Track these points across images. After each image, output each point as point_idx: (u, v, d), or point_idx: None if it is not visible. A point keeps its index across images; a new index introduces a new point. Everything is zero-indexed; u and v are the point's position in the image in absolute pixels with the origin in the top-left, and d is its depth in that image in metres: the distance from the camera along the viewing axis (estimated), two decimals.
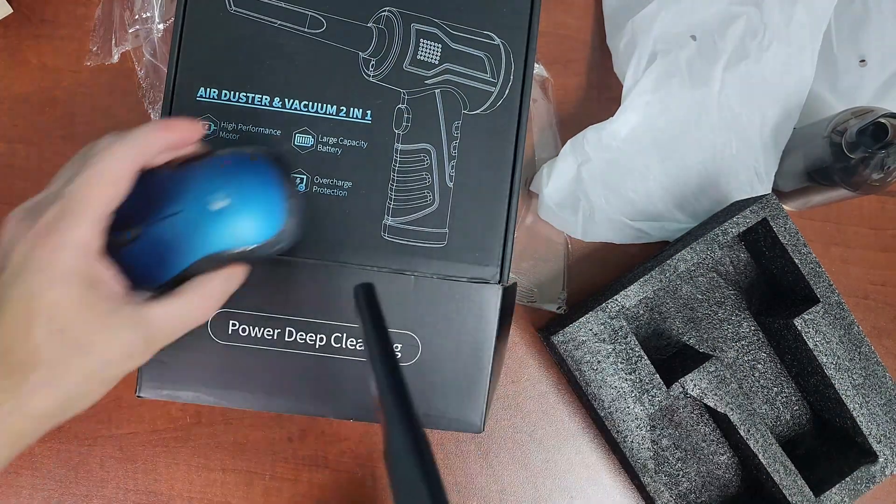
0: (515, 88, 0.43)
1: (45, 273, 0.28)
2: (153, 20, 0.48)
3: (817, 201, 0.49)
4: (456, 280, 0.42)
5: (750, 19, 0.48)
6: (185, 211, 0.33)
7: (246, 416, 0.49)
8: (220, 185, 0.33)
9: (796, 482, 0.44)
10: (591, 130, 0.48)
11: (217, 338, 0.42)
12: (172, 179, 0.34)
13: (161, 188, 0.33)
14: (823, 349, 0.44)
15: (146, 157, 0.30)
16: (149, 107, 0.49)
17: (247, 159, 0.35)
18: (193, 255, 0.33)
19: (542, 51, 0.51)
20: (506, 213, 0.42)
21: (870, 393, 0.45)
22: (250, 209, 0.34)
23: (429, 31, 0.42)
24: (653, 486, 0.45)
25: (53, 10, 0.50)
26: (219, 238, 0.34)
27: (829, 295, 0.45)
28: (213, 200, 0.33)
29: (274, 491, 0.49)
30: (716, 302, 0.50)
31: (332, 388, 0.42)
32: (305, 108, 0.42)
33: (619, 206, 0.49)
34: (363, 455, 0.50)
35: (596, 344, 0.44)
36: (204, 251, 0.34)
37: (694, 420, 0.49)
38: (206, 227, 0.33)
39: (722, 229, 0.45)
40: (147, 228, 0.33)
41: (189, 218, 0.33)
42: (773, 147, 0.49)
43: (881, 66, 0.50)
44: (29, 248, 0.28)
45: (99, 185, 0.28)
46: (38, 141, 0.50)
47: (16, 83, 0.50)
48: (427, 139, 0.42)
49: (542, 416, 0.50)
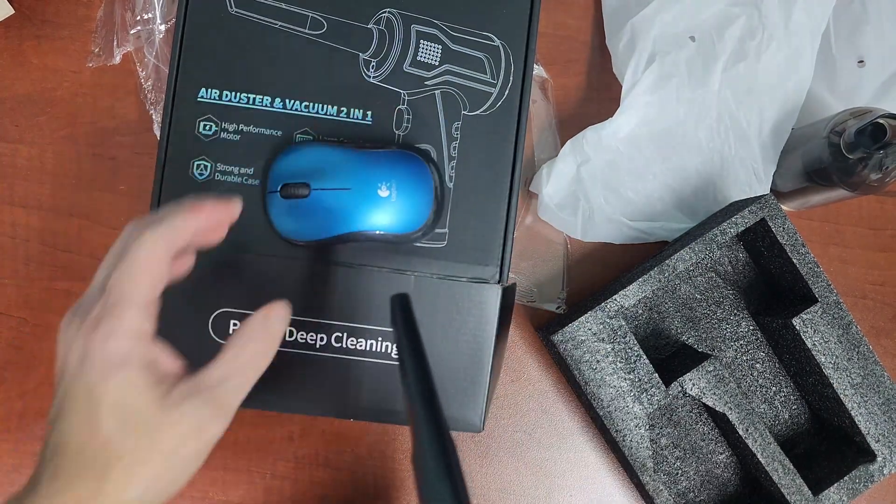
0: (515, 89, 0.43)
1: (101, 363, 0.28)
2: (154, 21, 0.48)
3: (816, 201, 0.49)
4: (456, 280, 0.42)
5: (749, 20, 0.48)
6: (355, 189, 0.39)
7: (246, 415, 0.49)
8: (389, 175, 0.39)
9: (795, 481, 0.44)
10: (590, 131, 0.48)
11: (218, 337, 0.42)
12: (352, 158, 0.39)
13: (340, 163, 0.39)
14: (822, 349, 0.45)
15: (179, 244, 0.30)
16: (150, 108, 0.49)
17: (415, 159, 0.40)
18: (347, 227, 0.39)
19: (542, 51, 0.52)
20: (505, 214, 0.43)
21: (868, 392, 0.45)
22: (407, 202, 0.39)
23: (429, 32, 0.43)
24: (652, 485, 0.45)
25: (55, 10, 0.50)
26: (374, 220, 0.39)
27: (828, 295, 0.45)
28: (381, 187, 0.39)
29: (274, 490, 0.49)
30: (714, 302, 0.50)
31: (333, 388, 0.42)
32: (306, 108, 0.42)
33: (618, 206, 0.49)
34: (363, 454, 0.50)
35: (595, 343, 0.44)
36: (358, 227, 0.39)
37: (693, 419, 0.50)
38: (368, 207, 0.39)
39: (721, 229, 0.45)
40: (316, 192, 0.39)
41: (356, 196, 0.39)
42: (771, 147, 0.49)
43: (880, 66, 0.50)
44: (83, 344, 0.28)
45: (139, 275, 0.29)
46: (40, 141, 0.50)
47: (17, 83, 0.50)
48: (427, 140, 0.42)
49: (542, 416, 0.51)
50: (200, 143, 0.42)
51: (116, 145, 0.50)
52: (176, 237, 0.30)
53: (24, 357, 0.49)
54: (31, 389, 0.49)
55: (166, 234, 0.30)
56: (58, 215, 0.50)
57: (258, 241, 0.42)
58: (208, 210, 0.32)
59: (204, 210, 0.31)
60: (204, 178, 0.42)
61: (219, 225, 0.33)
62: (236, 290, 0.41)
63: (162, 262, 0.30)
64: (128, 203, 0.50)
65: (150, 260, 0.29)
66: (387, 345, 0.42)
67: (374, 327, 0.42)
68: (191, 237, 0.31)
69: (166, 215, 0.30)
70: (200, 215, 0.31)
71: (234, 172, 0.42)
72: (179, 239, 0.30)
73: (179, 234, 0.30)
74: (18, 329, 0.49)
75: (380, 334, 0.42)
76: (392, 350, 0.42)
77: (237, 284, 0.41)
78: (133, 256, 0.29)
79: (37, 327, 0.49)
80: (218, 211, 0.32)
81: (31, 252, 0.49)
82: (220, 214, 0.33)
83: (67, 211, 0.50)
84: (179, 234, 0.30)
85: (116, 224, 0.50)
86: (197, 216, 0.31)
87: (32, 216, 0.50)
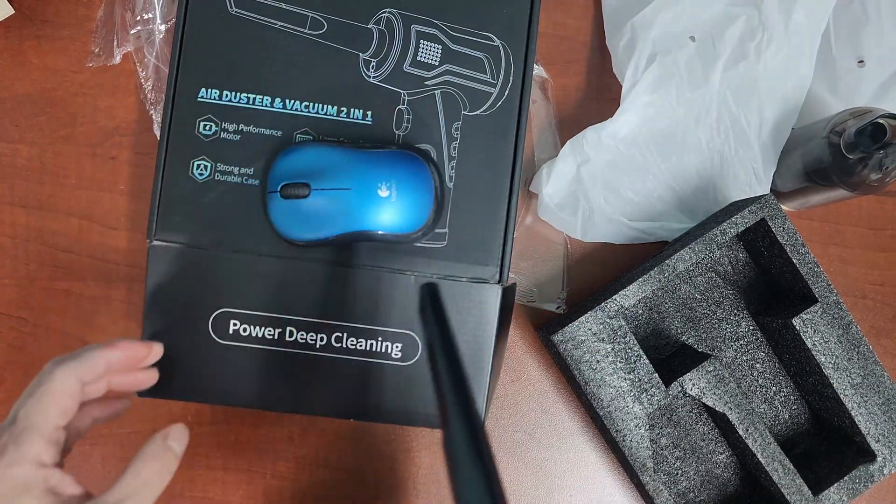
0: (515, 89, 0.43)
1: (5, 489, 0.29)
2: (154, 21, 0.48)
3: (816, 201, 0.49)
4: (456, 280, 0.42)
5: (749, 20, 0.48)
6: (355, 190, 0.39)
7: (247, 415, 0.49)
8: (389, 175, 0.39)
9: (795, 481, 0.44)
10: (590, 131, 0.48)
11: (218, 337, 0.42)
12: (352, 158, 0.40)
13: (340, 163, 0.39)
14: (822, 349, 0.45)
15: (90, 377, 0.33)
16: (150, 108, 0.49)
17: (415, 159, 0.40)
18: (347, 227, 0.39)
19: (542, 51, 0.52)
20: (505, 214, 0.43)
21: (868, 392, 0.45)
22: (407, 202, 0.39)
23: (429, 32, 0.43)
24: (652, 485, 0.45)
25: (55, 10, 0.50)
26: (375, 220, 0.39)
27: (828, 295, 0.45)
28: (381, 187, 0.39)
29: (274, 490, 0.49)
30: (714, 302, 0.50)
31: (333, 388, 0.42)
32: (306, 108, 0.42)
33: (618, 206, 0.49)
34: (363, 454, 0.50)
35: (595, 343, 0.44)
36: (358, 227, 0.39)
37: (693, 419, 0.50)
38: (368, 207, 0.39)
39: (721, 229, 0.45)
40: (316, 192, 0.39)
41: (357, 196, 0.39)
42: (771, 147, 0.49)
43: (880, 66, 0.50)
44: None
45: (46, 405, 0.31)
46: (40, 141, 0.50)
47: (17, 84, 0.50)
48: (427, 140, 0.42)
49: (542, 415, 0.51)
50: (200, 143, 0.42)
51: (116, 145, 0.50)
52: (86, 372, 0.32)
53: (24, 357, 0.49)
54: None
55: (77, 369, 0.32)
56: (58, 215, 0.50)
57: (258, 241, 0.42)
58: (122, 348, 0.34)
59: (118, 348, 0.34)
60: (204, 178, 0.42)
61: (135, 363, 0.36)
62: (236, 290, 0.42)
63: (70, 394, 0.32)
64: (128, 203, 0.50)
65: (58, 392, 0.31)
66: (387, 345, 0.42)
67: (374, 327, 0.42)
68: (103, 371, 0.33)
69: (81, 352, 0.33)
70: (114, 352, 0.34)
71: (234, 172, 0.42)
72: (90, 373, 0.33)
73: (90, 369, 0.33)
74: (18, 329, 0.49)
75: (380, 334, 0.42)
76: (393, 350, 0.42)
77: (237, 284, 0.42)
78: (43, 389, 0.31)
79: (37, 327, 0.49)
80: (133, 349, 0.35)
81: (31, 252, 0.49)
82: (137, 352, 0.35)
83: (67, 211, 0.50)
84: (90, 369, 0.33)
85: (116, 224, 0.50)
86: (110, 353, 0.34)
87: (32, 216, 0.50)
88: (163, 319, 0.42)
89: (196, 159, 0.42)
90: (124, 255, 0.50)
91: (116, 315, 0.49)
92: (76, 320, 0.49)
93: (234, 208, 0.42)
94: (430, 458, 0.50)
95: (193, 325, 0.41)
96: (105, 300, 0.49)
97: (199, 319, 0.41)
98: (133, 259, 0.50)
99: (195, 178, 0.42)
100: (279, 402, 0.42)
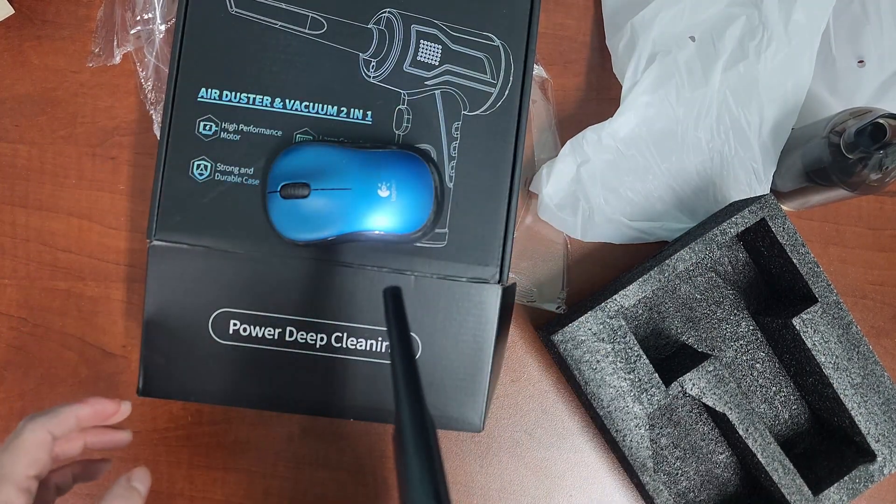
0: (515, 89, 0.43)
1: None
2: (155, 21, 0.48)
3: (816, 201, 0.49)
4: (456, 280, 0.42)
5: (749, 20, 0.48)
6: (355, 190, 0.39)
7: (247, 415, 0.49)
8: (389, 175, 0.39)
9: (795, 481, 0.44)
10: (590, 131, 0.48)
11: (218, 337, 0.42)
12: (352, 158, 0.40)
13: (340, 163, 0.39)
14: (822, 349, 0.45)
15: (60, 430, 0.35)
16: (150, 108, 0.49)
17: (415, 159, 0.40)
18: (347, 228, 0.39)
19: (542, 52, 0.52)
20: (505, 214, 0.43)
21: (868, 392, 0.45)
22: (407, 202, 0.40)
23: (429, 32, 0.43)
24: (652, 485, 0.45)
25: (55, 10, 0.50)
26: (374, 220, 0.39)
27: (828, 295, 0.45)
28: (380, 187, 0.39)
29: (274, 490, 0.49)
30: (714, 301, 0.50)
31: (333, 388, 0.42)
32: (306, 108, 0.42)
33: (618, 206, 0.49)
34: (363, 454, 0.50)
35: (595, 343, 0.44)
36: (358, 227, 0.39)
37: (693, 419, 0.50)
38: (368, 207, 0.39)
39: (720, 229, 0.45)
40: (316, 192, 0.39)
41: (356, 196, 0.39)
42: (771, 147, 0.49)
43: (879, 66, 0.50)
44: None
45: (18, 456, 0.33)
46: (40, 142, 0.50)
47: (17, 84, 0.50)
48: (427, 140, 0.42)
49: (542, 415, 0.51)
50: (200, 143, 0.42)
51: (116, 145, 0.50)
52: (56, 426, 0.34)
53: (23, 357, 0.49)
54: (30, 389, 0.49)
55: (46, 423, 0.34)
56: (58, 215, 0.50)
57: (258, 242, 0.42)
58: (91, 404, 0.36)
59: (87, 404, 0.36)
60: (204, 179, 0.42)
61: (105, 418, 0.37)
62: (236, 290, 0.42)
63: (40, 445, 0.34)
64: (128, 203, 0.50)
65: (29, 443, 0.33)
66: (386, 345, 0.42)
67: (374, 327, 0.42)
68: (74, 426, 0.36)
69: (52, 409, 0.35)
70: (83, 408, 0.36)
71: (233, 172, 0.42)
72: (60, 427, 0.35)
73: (60, 423, 0.35)
74: (18, 329, 0.49)
75: (380, 334, 0.42)
76: None
77: (237, 284, 0.42)
78: (15, 442, 0.33)
79: (37, 327, 0.49)
80: (103, 405, 0.37)
81: (30, 252, 0.49)
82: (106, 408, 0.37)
83: (67, 211, 0.50)
84: (60, 423, 0.35)
85: (116, 224, 0.50)
86: (79, 409, 0.36)
87: (32, 216, 0.50)
88: (163, 319, 0.42)
89: (196, 159, 0.42)
90: (124, 255, 0.50)
91: (116, 315, 0.49)
92: (76, 320, 0.49)
93: (233, 208, 0.42)
94: None
95: (193, 325, 0.41)
96: (105, 300, 0.49)
97: (198, 319, 0.41)
98: (133, 259, 0.50)
99: (195, 178, 0.42)
100: (279, 402, 0.42)
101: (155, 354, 0.42)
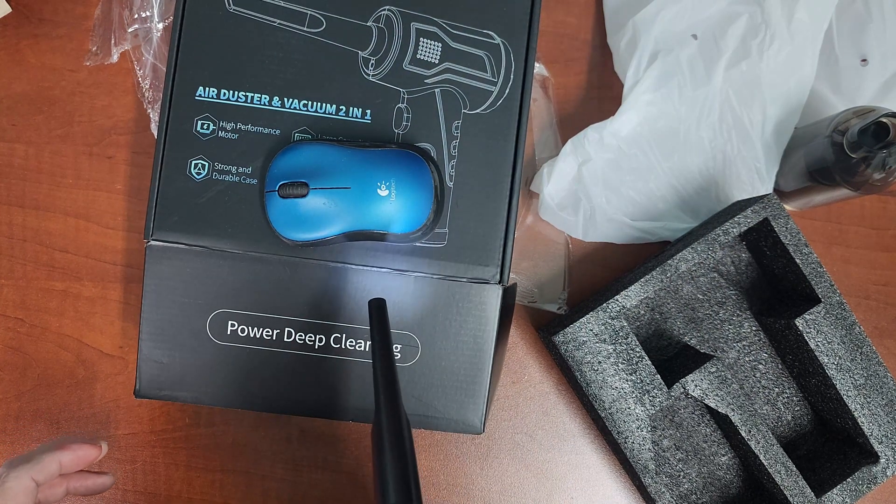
0: (516, 88, 0.43)
1: None
2: (152, 19, 0.48)
3: (819, 201, 0.49)
4: (456, 280, 0.42)
5: (751, 18, 0.48)
6: (354, 189, 0.39)
7: (245, 416, 0.49)
8: (388, 174, 0.39)
9: (797, 483, 0.44)
10: (591, 130, 0.48)
11: (216, 338, 0.41)
12: (351, 157, 0.39)
13: (339, 162, 0.39)
14: (825, 349, 0.44)
15: (42, 476, 0.37)
16: (148, 106, 0.49)
17: (415, 158, 0.40)
18: (347, 227, 0.39)
19: (543, 50, 0.51)
20: (506, 213, 0.42)
21: (871, 393, 0.44)
22: (407, 202, 0.39)
23: (429, 30, 0.42)
24: (654, 487, 0.44)
25: (52, 9, 0.50)
26: (374, 219, 0.39)
27: (831, 295, 0.45)
28: (380, 186, 0.39)
29: (273, 492, 0.49)
30: (717, 302, 0.50)
31: (332, 389, 0.42)
32: (305, 107, 0.42)
33: (619, 205, 0.49)
34: (362, 455, 0.49)
35: (597, 344, 0.44)
36: (357, 227, 0.39)
37: (695, 421, 0.49)
38: (367, 207, 0.39)
39: (723, 229, 0.44)
40: (315, 192, 0.39)
41: (356, 195, 0.39)
42: (774, 146, 0.49)
43: (882, 65, 0.50)
44: None
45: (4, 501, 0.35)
46: (37, 141, 0.49)
47: (14, 82, 0.50)
48: (427, 139, 0.42)
49: (543, 417, 0.50)
50: (198, 142, 0.42)
51: (113, 144, 0.50)
52: (38, 472, 0.36)
53: (20, 358, 0.49)
54: (27, 391, 0.49)
55: (29, 470, 0.36)
56: (55, 215, 0.49)
57: (256, 241, 0.41)
58: (72, 449, 0.38)
59: (68, 448, 0.38)
60: (202, 178, 0.42)
61: (86, 461, 0.39)
62: (234, 290, 0.41)
63: (24, 492, 0.36)
64: (125, 203, 0.49)
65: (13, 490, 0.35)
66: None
67: None
68: (56, 471, 0.37)
69: (33, 453, 0.37)
70: (64, 453, 0.38)
71: (231, 172, 0.42)
72: (44, 474, 0.37)
73: (42, 469, 0.37)
74: (15, 330, 0.49)
75: None
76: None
77: (235, 285, 0.41)
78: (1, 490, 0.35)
79: (33, 328, 0.49)
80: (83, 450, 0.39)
81: (27, 252, 0.49)
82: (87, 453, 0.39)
83: (64, 211, 0.49)
84: (42, 469, 0.37)
85: (113, 224, 0.49)
86: (61, 454, 0.38)
87: (29, 216, 0.49)
88: (160, 320, 0.41)
89: (194, 158, 0.42)
90: (121, 255, 0.49)
91: (113, 316, 0.49)
92: (73, 321, 0.49)
93: (232, 208, 0.41)
94: (428, 460, 0.50)
95: (191, 325, 0.41)
96: (102, 300, 0.49)
97: (196, 320, 0.41)
98: (130, 259, 0.49)
99: (193, 177, 0.41)
100: (277, 403, 0.42)
101: (152, 355, 0.41)
